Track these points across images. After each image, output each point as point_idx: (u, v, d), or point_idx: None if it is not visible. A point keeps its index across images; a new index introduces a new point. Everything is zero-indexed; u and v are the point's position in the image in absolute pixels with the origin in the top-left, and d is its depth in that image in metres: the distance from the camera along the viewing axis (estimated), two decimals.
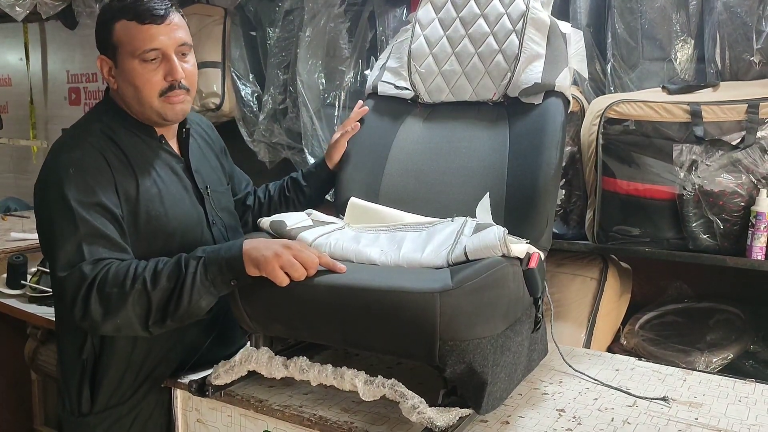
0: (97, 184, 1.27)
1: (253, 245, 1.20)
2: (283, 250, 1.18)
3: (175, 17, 1.32)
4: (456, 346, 1.08)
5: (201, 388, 1.31)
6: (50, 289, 2.26)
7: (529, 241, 1.31)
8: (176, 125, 1.44)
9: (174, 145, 1.45)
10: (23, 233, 2.81)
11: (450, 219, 1.36)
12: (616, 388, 1.34)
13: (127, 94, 1.34)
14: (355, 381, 1.17)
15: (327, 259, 1.21)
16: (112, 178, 1.29)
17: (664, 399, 1.29)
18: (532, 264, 1.22)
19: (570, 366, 1.42)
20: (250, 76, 2.72)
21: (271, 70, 2.60)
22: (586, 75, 1.71)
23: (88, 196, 1.25)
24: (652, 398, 1.30)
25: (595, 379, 1.38)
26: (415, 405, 1.12)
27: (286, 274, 1.16)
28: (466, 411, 1.15)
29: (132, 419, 1.38)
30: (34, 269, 2.37)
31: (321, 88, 2.46)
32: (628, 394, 1.32)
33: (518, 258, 1.21)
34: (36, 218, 1.34)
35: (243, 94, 2.71)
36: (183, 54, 1.34)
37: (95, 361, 1.35)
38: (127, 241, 1.29)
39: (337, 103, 2.42)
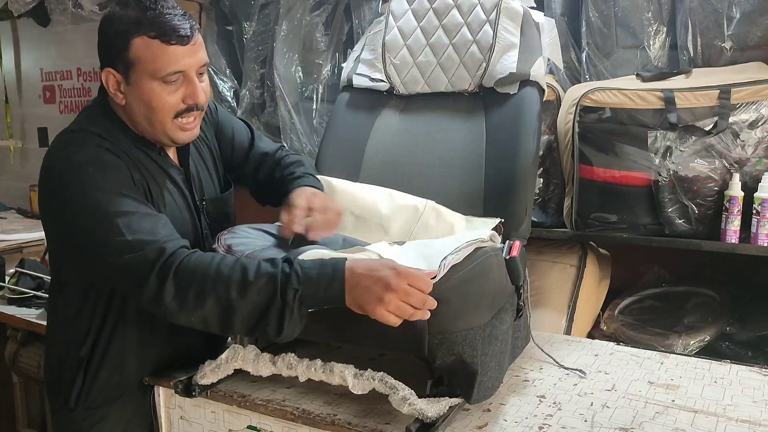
0: (122, 181, 1.20)
1: (355, 281, 1.08)
2: (389, 296, 1.05)
3: (198, 36, 1.23)
4: (445, 338, 1.09)
5: (187, 388, 1.29)
6: (29, 291, 2.24)
7: (502, 221, 1.32)
8: None
9: (173, 154, 1.38)
10: (0, 234, 2.77)
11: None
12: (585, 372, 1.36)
13: (138, 113, 1.25)
14: (345, 375, 1.17)
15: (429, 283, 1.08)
16: (131, 175, 1.23)
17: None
18: (514, 253, 1.25)
19: (544, 352, 1.44)
20: (227, 71, 2.70)
21: (248, 64, 2.59)
22: (560, 64, 1.72)
23: (118, 187, 1.18)
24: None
25: (568, 368, 1.40)
26: (405, 397, 1.11)
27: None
28: (455, 400, 1.15)
29: (117, 417, 1.36)
30: (12, 270, 2.34)
31: (298, 81, 2.45)
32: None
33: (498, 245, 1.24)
34: (50, 222, 1.27)
35: (220, 89, 2.68)
36: (200, 74, 1.26)
37: (89, 359, 1.33)
38: None
39: (314, 96, 2.41)
